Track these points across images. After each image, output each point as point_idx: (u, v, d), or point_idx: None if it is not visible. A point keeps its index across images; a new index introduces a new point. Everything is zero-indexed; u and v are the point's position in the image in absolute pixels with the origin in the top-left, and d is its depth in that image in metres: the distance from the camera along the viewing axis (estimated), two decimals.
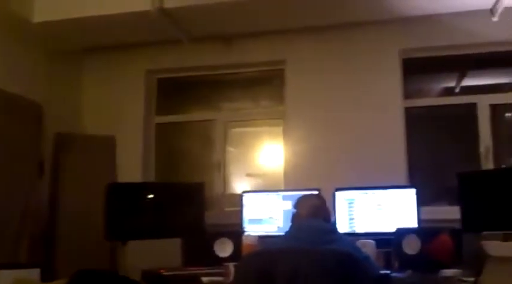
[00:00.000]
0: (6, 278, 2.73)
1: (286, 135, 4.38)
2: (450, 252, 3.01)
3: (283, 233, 2.61)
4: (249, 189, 4.32)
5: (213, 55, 4.57)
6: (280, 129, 4.50)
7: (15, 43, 3.98)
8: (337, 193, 3.67)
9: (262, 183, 4.60)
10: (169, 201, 3.67)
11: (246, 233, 3.64)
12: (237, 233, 3.62)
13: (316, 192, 3.42)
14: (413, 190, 3.54)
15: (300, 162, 4.22)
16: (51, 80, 4.33)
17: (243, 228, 3.78)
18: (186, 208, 3.70)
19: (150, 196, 3.66)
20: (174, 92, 4.93)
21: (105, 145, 4.21)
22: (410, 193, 3.53)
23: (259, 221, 3.81)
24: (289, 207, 3.54)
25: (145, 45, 4.60)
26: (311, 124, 4.26)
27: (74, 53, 4.69)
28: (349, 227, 3.61)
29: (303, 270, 2.15)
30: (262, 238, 3.56)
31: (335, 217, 3.58)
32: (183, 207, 3.70)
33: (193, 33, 4.35)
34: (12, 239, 3.55)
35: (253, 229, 3.76)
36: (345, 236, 2.60)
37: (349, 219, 3.63)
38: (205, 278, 3.09)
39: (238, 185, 4.61)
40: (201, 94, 4.89)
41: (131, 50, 4.66)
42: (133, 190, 3.66)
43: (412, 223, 3.46)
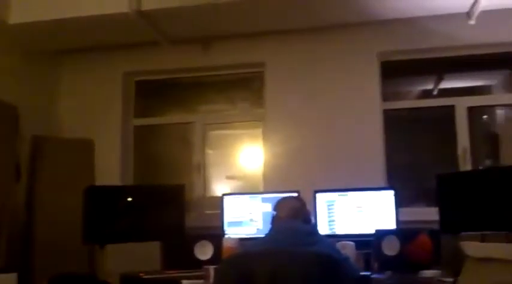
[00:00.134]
0: None
1: (265, 138, 4.38)
2: (429, 253, 3.04)
3: (263, 236, 2.61)
4: (229, 191, 4.31)
5: (192, 57, 4.55)
6: (259, 131, 4.50)
7: None
8: (317, 195, 3.68)
9: (242, 185, 4.59)
10: (149, 203, 3.64)
11: (227, 236, 3.63)
12: (217, 236, 3.61)
13: (295, 194, 3.42)
14: (392, 192, 3.56)
15: (280, 164, 4.22)
16: (28, 82, 4.29)
17: (224, 231, 3.77)
18: (165, 210, 3.68)
19: (129, 199, 3.62)
20: (152, 94, 4.90)
21: (83, 148, 4.17)
22: (389, 195, 3.55)
23: (239, 224, 3.80)
24: (269, 209, 3.54)
25: (123, 47, 4.56)
26: (290, 126, 4.26)
27: (51, 54, 4.64)
28: (329, 229, 3.63)
29: (283, 272, 2.14)
30: (243, 240, 3.54)
31: (315, 219, 3.59)
32: (163, 209, 3.67)
33: (171, 35, 4.33)
34: None
35: (233, 232, 3.75)
36: (325, 238, 2.59)
37: (328, 221, 3.64)
38: (185, 281, 3.07)
39: (218, 187, 4.60)
40: (179, 97, 4.88)
41: (109, 52, 4.62)
42: (112, 193, 3.61)
43: (391, 225, 3.49)
